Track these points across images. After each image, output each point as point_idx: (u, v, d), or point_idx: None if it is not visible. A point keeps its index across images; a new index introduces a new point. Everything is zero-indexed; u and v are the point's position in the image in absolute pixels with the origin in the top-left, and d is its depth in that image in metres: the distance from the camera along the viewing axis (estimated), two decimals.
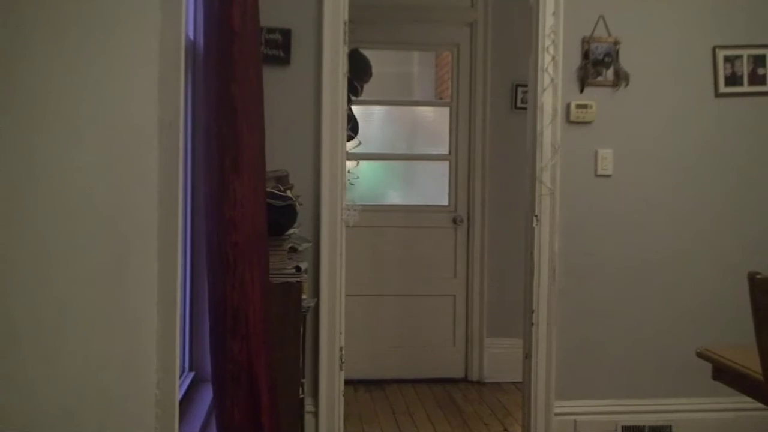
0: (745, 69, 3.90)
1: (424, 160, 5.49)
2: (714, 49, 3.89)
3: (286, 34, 3.68)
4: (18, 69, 1.27)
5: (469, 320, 5.21)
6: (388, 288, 5.21)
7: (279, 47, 3.66)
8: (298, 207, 3.21)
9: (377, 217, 5.14)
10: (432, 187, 5.45)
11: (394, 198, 5.51)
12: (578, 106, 3.83)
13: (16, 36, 1.24)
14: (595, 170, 3.87)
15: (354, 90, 4.35)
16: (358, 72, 4.43)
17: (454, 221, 5.22)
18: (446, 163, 5.27)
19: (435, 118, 5.49)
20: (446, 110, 5.29)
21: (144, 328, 1.51)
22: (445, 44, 5.32)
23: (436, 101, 5.62)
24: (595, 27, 3.83)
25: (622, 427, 3.86)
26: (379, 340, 5.15)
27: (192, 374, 3.03)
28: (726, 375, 2.57)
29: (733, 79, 3.90)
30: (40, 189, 1.30)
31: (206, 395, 2.84)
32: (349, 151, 4.03)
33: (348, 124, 3.88)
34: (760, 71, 3.90)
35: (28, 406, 1.25)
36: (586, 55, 3.83)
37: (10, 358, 1.24)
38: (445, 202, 5.28)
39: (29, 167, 1.29)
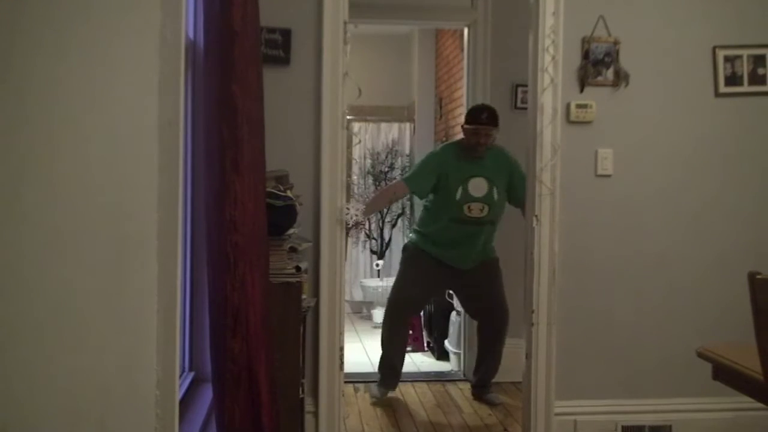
0: (745, 69, 3.89)
1: None
2: (714, 49, 3.89)
3: (286, 34, 3.68)
4: (17, 68, 1.27)
5: (470, 320, 5.20)
6: None
7: (279, 47, 3.66)
8: (298, 207, 3.21)
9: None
10: None
11: None
12: (578, 106, 3.82)
13: (15, 36, 1.24)
14: (595, 170, 3.87)
15: None
16: None
17: None
18: None
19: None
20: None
21: (144, 327, 1.51)
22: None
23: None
24: (595, 27, 3.83)
25: (622, 427, 3.86)
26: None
27: (192, 374, 3.03)
28: (726, 375, 2.57)
29: (733, 79, 3.90)
30: (39, 189, 1.30)
31: (206, 395, 2.83)
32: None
33: None
34: (760, 71, 3.90)
35: (28, 406, 1.24)
36: (586, 55, 3.82)
37: (9, 358, 1.24)
38: None
39: (27, 167, 1.29)
